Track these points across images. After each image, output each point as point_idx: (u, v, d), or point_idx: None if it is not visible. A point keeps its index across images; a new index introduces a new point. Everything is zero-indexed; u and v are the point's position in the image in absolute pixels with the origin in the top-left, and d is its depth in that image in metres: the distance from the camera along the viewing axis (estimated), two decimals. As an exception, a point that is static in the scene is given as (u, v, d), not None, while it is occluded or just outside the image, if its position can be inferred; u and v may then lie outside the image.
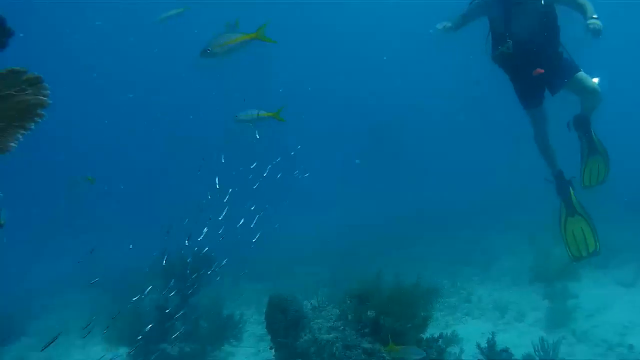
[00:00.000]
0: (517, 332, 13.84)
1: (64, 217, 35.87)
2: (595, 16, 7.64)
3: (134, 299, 12.93)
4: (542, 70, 8.37)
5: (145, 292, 14.11)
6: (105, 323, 15.50)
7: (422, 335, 9.95)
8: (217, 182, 10.70)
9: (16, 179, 39.37)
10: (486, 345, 10.35)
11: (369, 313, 10.25)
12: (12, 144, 2.81)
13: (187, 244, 10.36)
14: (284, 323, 11.11)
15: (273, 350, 11.18)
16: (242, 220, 12.07)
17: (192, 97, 56.70)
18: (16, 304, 23.78)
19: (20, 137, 2.82)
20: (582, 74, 8.74)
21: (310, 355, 9.94)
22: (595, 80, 8.52)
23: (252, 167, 12.31)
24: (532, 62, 8.55)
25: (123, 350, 15.28)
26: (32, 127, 2.81)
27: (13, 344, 18.86)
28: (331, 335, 10.04)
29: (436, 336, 10.15)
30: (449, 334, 12.06)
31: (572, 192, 8.07)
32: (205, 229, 10.59)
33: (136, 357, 14.53)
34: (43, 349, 7.19)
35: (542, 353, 10.24)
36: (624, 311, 14.48)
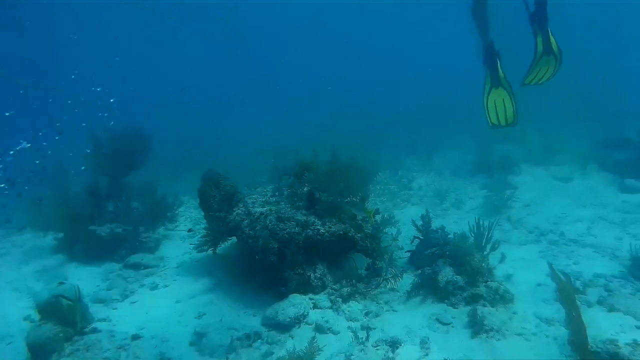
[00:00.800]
0: (455, 217, 13.99)
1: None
2: None
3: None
4: None
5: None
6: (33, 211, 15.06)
7: (357, 212, 9.76)
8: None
9: None
10: (421, 223, 10.30)
11: (305, 188, 9.99)
12: None
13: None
14: (217, 197, 10.79)
15: (205, 224, 10.93)
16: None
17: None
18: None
19: None
20: None
21: (243, 228, 9.70)
22: None
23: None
24: None
25: (51, 235, 14.78)
26: None
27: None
28: (265, 209, 9.77)
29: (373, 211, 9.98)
30: (386, 215, 12.06)
31: (499, 63, 7.75)
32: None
33: (64, 241, 14.06)
34: None
35: (476, 233, 10.26)
36: (558, 204, 14.79)
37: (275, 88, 49.18)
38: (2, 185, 15.03)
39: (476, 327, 7.68)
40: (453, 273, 8.92)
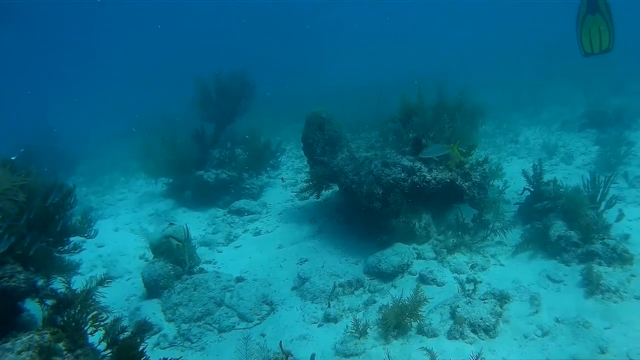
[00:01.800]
0: (564, 173, 13.18)
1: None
2: None
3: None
4: None
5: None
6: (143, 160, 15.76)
7: (466, 160, 9.35)
8: None
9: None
10: (532, 174, 9.72)
11: (410, 134, 9.67)
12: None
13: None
14: (321, 142, 10.67)
15: (305, 175, 10.87)
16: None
17: None
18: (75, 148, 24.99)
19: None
20: None
21: (347, 173, 9.54)
22: None
23: None
24: None
25: (161, 182, 15.42)
26: None
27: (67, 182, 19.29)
28: (370, 153, 9.55)
29: (480, 160, 9.52)
30: (493, 167, 11.54)
31: None
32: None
33: (174, 187, 14.62)
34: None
35: (591, 189, 9.60)
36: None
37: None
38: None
39: (591, 286, 7.15)
40: (566, 228, 8.40)
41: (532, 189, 9.73)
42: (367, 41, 60.90)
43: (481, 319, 6.51)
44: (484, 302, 6.89)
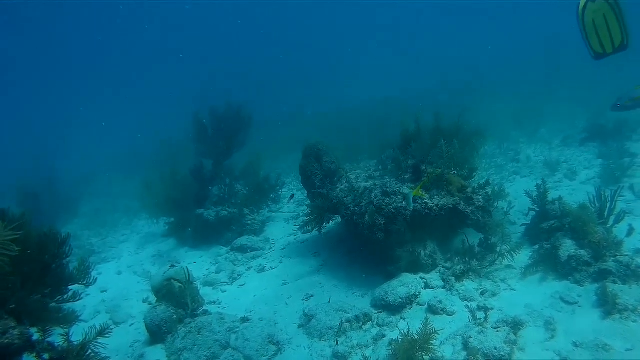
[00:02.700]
0: (568, 189, 12.98)
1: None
2: None
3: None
4: None
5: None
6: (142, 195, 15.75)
7: (467, 183, 9.18)
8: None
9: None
10: (537, 193, 9.53)
11: (409, 162, 9.52)
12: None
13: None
14: (320, 174, 10.53)
15: (309, 202, 10.70)
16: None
17: None
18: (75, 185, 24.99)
19: None
20: None
21: (347, 205, 9.37)
22: None
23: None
24: None
25: (163, 221, 15.34)
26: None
27: (70, 224, 19.37)
28: (369, 183, 9.39)
29: (482, 183, 9.35)
30: (496, 189, 11.36)
31: None
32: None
33: (175, 226, 14.55)
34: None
35: (598, 204, 9.39)
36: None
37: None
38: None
39: (607, 306, 6.89)
40: (576, 247, 8.17)
41: (538, 209, 9.53)
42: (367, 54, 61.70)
43: (495, 348, 6.26)
44: (497, 331, 6.65)
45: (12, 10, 46.83)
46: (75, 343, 4.50)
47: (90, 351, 4.52)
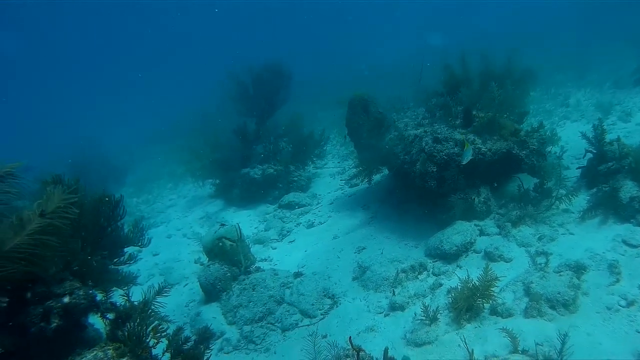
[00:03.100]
0: (624, 131, 12.42)
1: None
2: None
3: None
4: None
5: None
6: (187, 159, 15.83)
7: (520, 127, 8.86)
8: None
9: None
10: (593, 134, 9.11)
11: (459, 107, 9.22)
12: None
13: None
14: (367, 125, 10.31)
15: (356, 153, 10.52)
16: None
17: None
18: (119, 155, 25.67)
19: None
20: None
21: (397, 154, 9.16)
22: None
23: None
24: None
25: (209, 183, 15.42)
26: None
27: (117, 193, 19.72)
28: (419, 131, 9.13)
29: (535, 126, 9.01)
30: (547, 133, 10.96)
31: None
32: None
33: (221, 187, 14.59)
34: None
35: (657, 144, 8.96)
36: None
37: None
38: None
39: (675, 248, 6.67)
40: (638, 188, 7.83)
41: (595, 151, 9.13)
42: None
43: (559, 293, 6.09)
44: (560, 275, 6.45)
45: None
46: (136, 303, 4.52)
47: (150, 310, 4.54)
